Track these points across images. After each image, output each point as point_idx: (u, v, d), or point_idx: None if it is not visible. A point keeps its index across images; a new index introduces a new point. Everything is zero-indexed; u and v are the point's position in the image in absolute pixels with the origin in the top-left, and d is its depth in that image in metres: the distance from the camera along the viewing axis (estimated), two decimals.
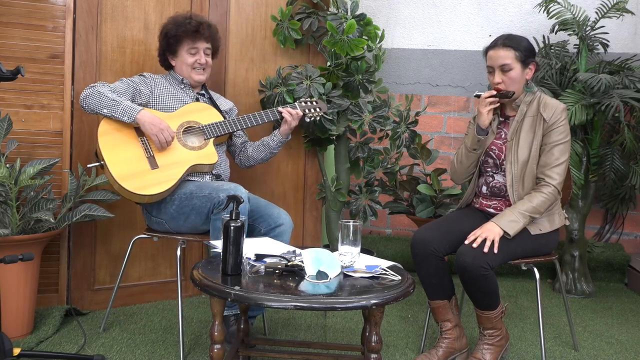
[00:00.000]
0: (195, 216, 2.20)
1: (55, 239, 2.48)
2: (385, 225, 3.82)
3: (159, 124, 2.22)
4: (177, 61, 2.44)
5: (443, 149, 3.72)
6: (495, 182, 2.24)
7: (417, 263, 2.16)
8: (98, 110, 2.21)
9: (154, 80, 2.40)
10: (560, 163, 2.11)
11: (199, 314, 2.65)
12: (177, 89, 2.44)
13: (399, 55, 3.74)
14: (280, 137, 2.49)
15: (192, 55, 2.41)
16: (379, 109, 2.88)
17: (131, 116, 2.20)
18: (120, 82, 2.32)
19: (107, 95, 2.21)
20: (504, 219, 2.07)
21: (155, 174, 2.21)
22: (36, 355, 2.01)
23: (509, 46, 2.14)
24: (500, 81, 2.15)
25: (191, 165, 2.26)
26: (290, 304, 1.48)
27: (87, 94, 2.22)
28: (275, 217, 2.29)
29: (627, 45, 3.60)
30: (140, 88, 2.34)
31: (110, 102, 2.20)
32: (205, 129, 2.35)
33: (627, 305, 3.10)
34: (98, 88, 2.23)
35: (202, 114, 2.39)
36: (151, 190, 2.18)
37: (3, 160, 2.22)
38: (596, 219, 3.68)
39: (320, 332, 2.49)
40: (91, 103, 2.21)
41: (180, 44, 2.41)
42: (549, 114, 2.13)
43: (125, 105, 2.21)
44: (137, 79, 2.37)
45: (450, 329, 2.17)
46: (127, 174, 2.19)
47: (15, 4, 2.41)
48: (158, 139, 2.22)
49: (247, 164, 2.56)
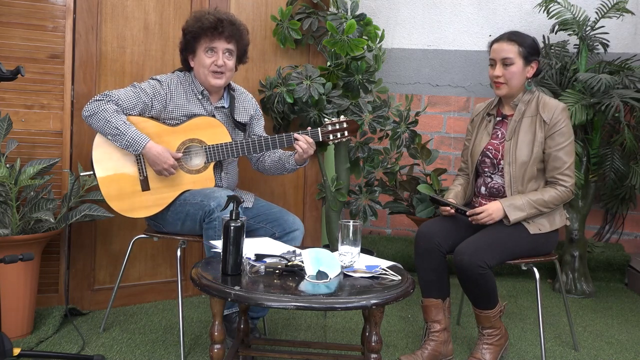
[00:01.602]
0: (190, 222, 2.18)
1: (55, 239, 2.48)
2: (385, 225, 3.82)
3: (164, 161, 2.12)
4: (195, 62, 2.24)
5: (443, 149, 3.72)
6: (493, 182, 2.23)
7: (419, 256, 2.15)
8: (102, 134, 2.12)
9: (170, 92, 2.23)
10: (569, 165, 2.13)
11: (199, 314, 2.65)
12: (194, 101, 2.26)
13: (399, 55, 3.74)
14: (294, 163, 2.32)
15: (210, 56, 2.20)
16: (379, 109, 2.88)
17: (136, 150, 2.11)
18: (131, 92, 2.17)
19: (112, 121, 2.08)
20: (511, 202, 2.09)
21: (145, 197, 2.18)
22: (36, 355, 2.01)
23: (513, 40, 2.15)
24: (500, 74, 2.16)
25: (184, 190, 2.21)
26: (290, 304, 1.48)
27: (91, 112, 2.10)
28: (291, 223, 2.28)
29: (627, 45, 3.60)
30: (153, 103, 2.19)
31: (114, 131, 2.09)
32: (207, 152, 2.21)
33: (627, 305, 3.10)
34: (103, 108, 2.08)
35: (209, 132, 2.23)
36: (138, 214, 2.19)
37: (3, 160, 2.22)
38: (596, 219, 3.67)
39: (320, 332, 2.49)
40: (96, 125, 2.11)
41: (198, 42, 2.20)
42: (549, 115, 2.12)
43: (130, 138, 2.09)
44: (150, 91, 2.19)
45: (438, 331, 2.15)
46: (116, 193, 2.16)
47: (15, 4, 2.41)
48: (160, 174, 2.16)
49: (263, 172, 2.49)
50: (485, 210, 2.10)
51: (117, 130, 2.09)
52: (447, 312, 2.19)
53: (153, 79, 2.26)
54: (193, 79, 2.29)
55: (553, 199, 2.10)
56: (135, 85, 2.22)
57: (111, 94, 2.15)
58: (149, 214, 2.20)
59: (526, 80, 2.18)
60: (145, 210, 2.18)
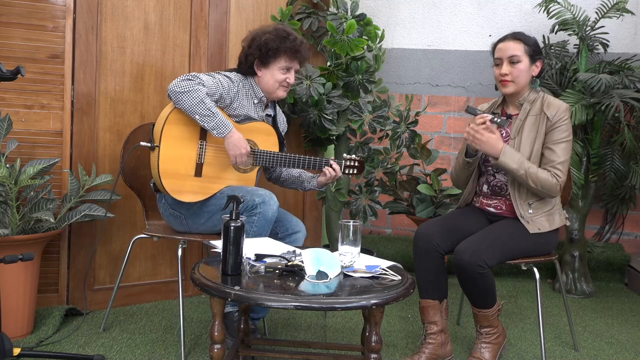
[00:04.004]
0: (219, 216, 2.20)
1: (55, 239, 2.48)
2: (385, 225, 3.82)
3: (244, 147, 2.20)
4: (266, 73, 2.33)
5: (443, 149, 3.72)
6: (496, 180, 2.24)
7: (418, 256, 2.15)
8: (189, 113, 2.15)
9: (237, 90, 2.29)
10: (563, 161, 2.12)
11: (199, 314, 2.65)
12: (251, 104, 2.34)
13: (399, 55, 3.74)
14: (315, 185, 2.44)
15: (284, 74, 2.32)
16: (379, 109, 2.88)
17: (222, 133, 2.16)
18: (212, 80, 2.22)
19: (206, 102, 2.13)
20: (511, 150, 2.08)
21: (195, 182, 2.23)
22: (36, 355, 2.01)
23: (519, 39, 2.18)
24: (508, 72, 2.16)
25: (229, 185, 2.28)
26: (290, 304, 1.49)
27: (184, 89, 2.13)
28: (294, 224, 2.33)
29: (627, 45, 3.60)
30: (225, 96, 2.25)
31: (206, 112, 2.14)
32: (259, 156, 2.32)
33: (627, 305, 3.10)
34: (197, 89, 2.13)
35: (265, 138, 2.36)
36: (184, 198, 2.22)
37: (3, 160, 2.22)
38: (596, 219, 3.68)
39: (320, 332, 2.49)
40: (186, 103, 2.13)
41: (276, 58, 2.30)
42: (552, 113, 2.14)
43: (219, 120, 2.15)
44: (225, 84, 2.25)
45: (435, 333, 2.14)
46: (171, 172, 2.20)
47: (15, 4, 2.41)
48: (235, 160, 2.21)
49: (275, 182, 2.57)
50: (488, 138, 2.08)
51: (210, 111, 2.14)
52: (444, 313, 2.18)
53: (223, 75, 2.30)
54: (252, 83, 2.36)
55: (543, 179, 2.09)
56: (213, 75, 2.26)
57: (200, 77, 2.18)
58: (194, 199, 2.23)
59: (531, 78, 2.20)
60: (191, 196, 2.22)
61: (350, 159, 2.44)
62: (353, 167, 2.45)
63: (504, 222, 2.18)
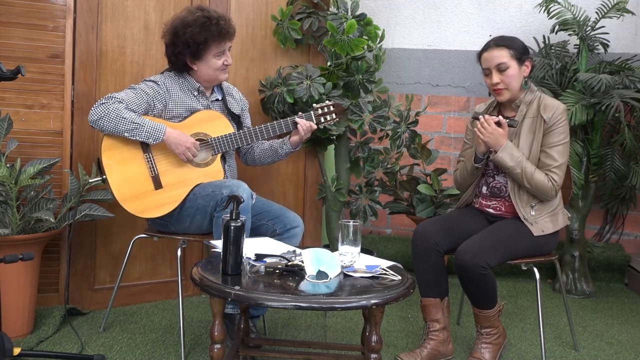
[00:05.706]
0: (200, 216, 2.18)
1: (56, 239, 2.48)
2: (385, 225, 3.82)
3: (184, 142, 2.15)
4: (201, 65, 2.27)
5: (443, 149, 3.72)
6: (495, 182, 2.24)
7: (416, 255, 2.16)
8: (116, 134, 2.11)
9: (167, 90, 2.25)
10: (560, 165, 2.11)
11: (199, 314, 2.65)
12: (190, 97, 2.30)
13: (399, 55, 3.74)
14: (290, 146, 2.38)
15: (219, 58, 2.26)
16: (379, 109, 2.88)
17: (157, 139, 2.13)
18: (133, 93, 2.17)
19: (126, 117, 2.09)
20: (512, 148, 2.09)
21: (158, 195, 2.19)
22: (36, 354, 2.01)
23: (502, 45, 2.14)
24: (499, 81, 2.14)
25: (196, 184, 2.23)
26: (290, 304, 1.49)
27: (100, 114, 2.09)
28: (292, 219, 2.30)
29: (627, 45, 3.60)
30: (155, 103, 2.21)
31: (131, 126, 2.09)
32: (214, 143, 2.25)
33: (627, 305, 3.10)
34: (113, 108, 2.08)
35: (213, 124, 2.28)
36: (152, 214, 2.19)
37: (3, 160, 2.22)
38: (596, 219, 3.67)
39: (320, 332, 2.49)
40: (108, 126, 2.09)
41: (207, 49, 2.23)
42: (549, 115, 2.12)
43: (149, 127, 2.11)
44: (150, 91, 2.21)
45: (437, 330, 2.14)
46: (129, 195, 2.16)
47: (15, 3, 2.41)
48: (185, 157, 2.17)
49: (252, 164, 2.53)
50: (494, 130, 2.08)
51: (134, 124, 2.10)
52: (445, 311, 2.18)
53: (148, 80, 2.27)
54: (186, 77, 2.32)
55: (538, 181, 2.09)
56: (134, 87, 2.22)
57: (115, 96, 2.15)
58: (164, 212, 2.19)
59: (524, 79, 2.18)
60: (160, 209, 2.19)
61: (320, 106, 2.33)
62: (328, 113, 2.33)
63: (504, 222, 2.18)
